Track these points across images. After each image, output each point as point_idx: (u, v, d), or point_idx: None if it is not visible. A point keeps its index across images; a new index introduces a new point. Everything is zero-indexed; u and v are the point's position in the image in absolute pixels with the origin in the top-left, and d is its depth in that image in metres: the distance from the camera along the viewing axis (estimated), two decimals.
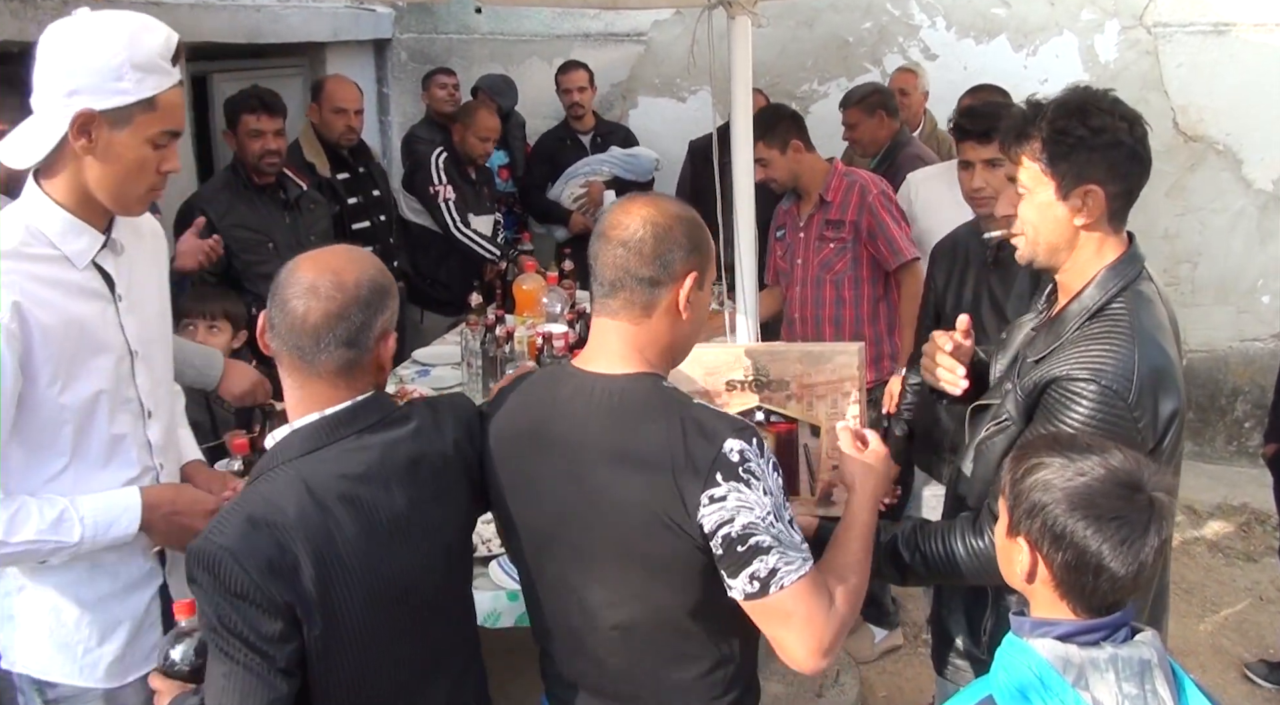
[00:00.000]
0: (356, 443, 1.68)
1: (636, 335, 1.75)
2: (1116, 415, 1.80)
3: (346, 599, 1.61)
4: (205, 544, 1.55)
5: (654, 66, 6.41)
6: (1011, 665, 1.53)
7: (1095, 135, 1.88)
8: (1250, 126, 5.82)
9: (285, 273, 1.68)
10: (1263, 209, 5.90)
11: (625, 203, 1.81)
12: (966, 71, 5.82)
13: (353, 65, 6.23)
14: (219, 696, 1.55)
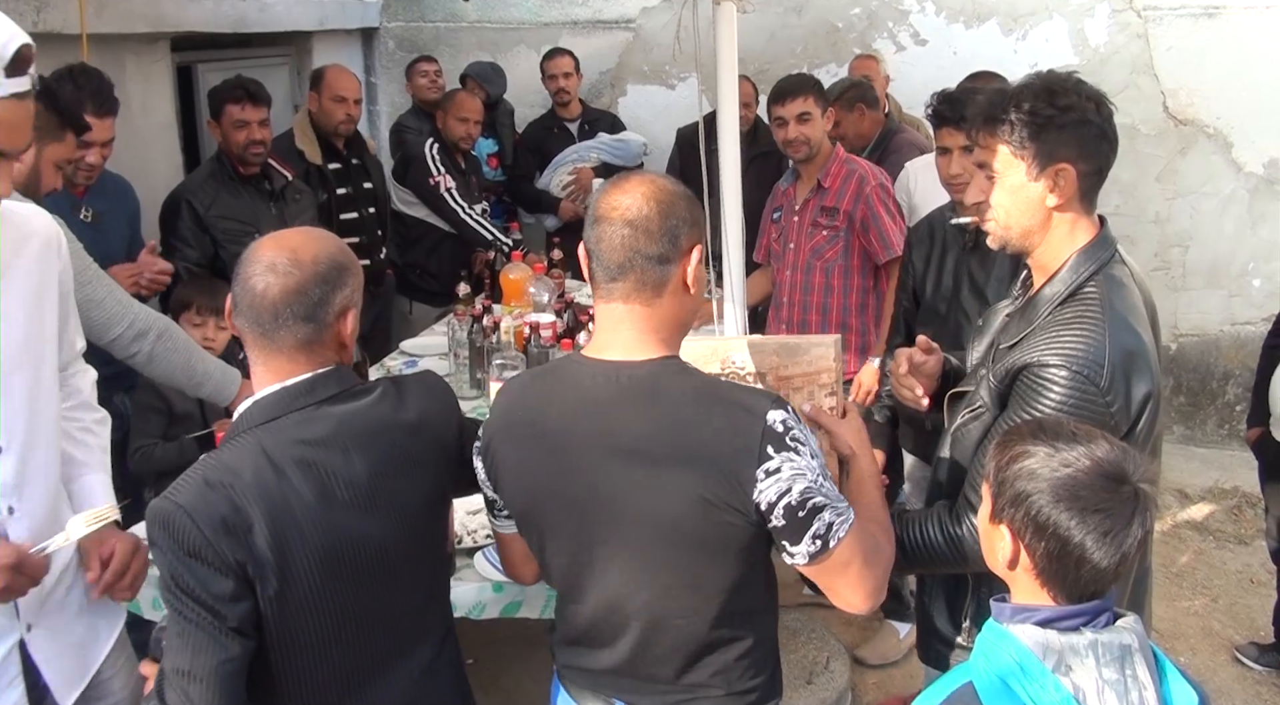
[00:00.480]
0: (315, 412, 1.69)
1: (649, 317, 1.71)
2: (1088, 400, 1.80)
3: (303, 562, 1.62)
4: (163, 503, 1.57)
5: (643, 54, 6.38)
6: (992, 651, 1.53)
7: (1064, 113, 1.90)
8: (1241, 109, 5.80)
9: (247, 253, 1.71)
10: (1253, 192, 5.89)
11: (619, 182, 1.75)
12: (956, 56, 5.81)
13: (340, 54, 6.20)
14: (173, 656, 1.57)
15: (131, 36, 4.41)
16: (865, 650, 4.00)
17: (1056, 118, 1.89)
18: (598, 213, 1.71)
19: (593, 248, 1.71)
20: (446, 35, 6.56)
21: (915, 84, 5.36)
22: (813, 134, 3.88)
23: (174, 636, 1.57)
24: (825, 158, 3.98)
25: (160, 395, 3.29)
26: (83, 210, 3.40)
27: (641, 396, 1.68)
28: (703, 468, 1.63)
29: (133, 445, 3.26)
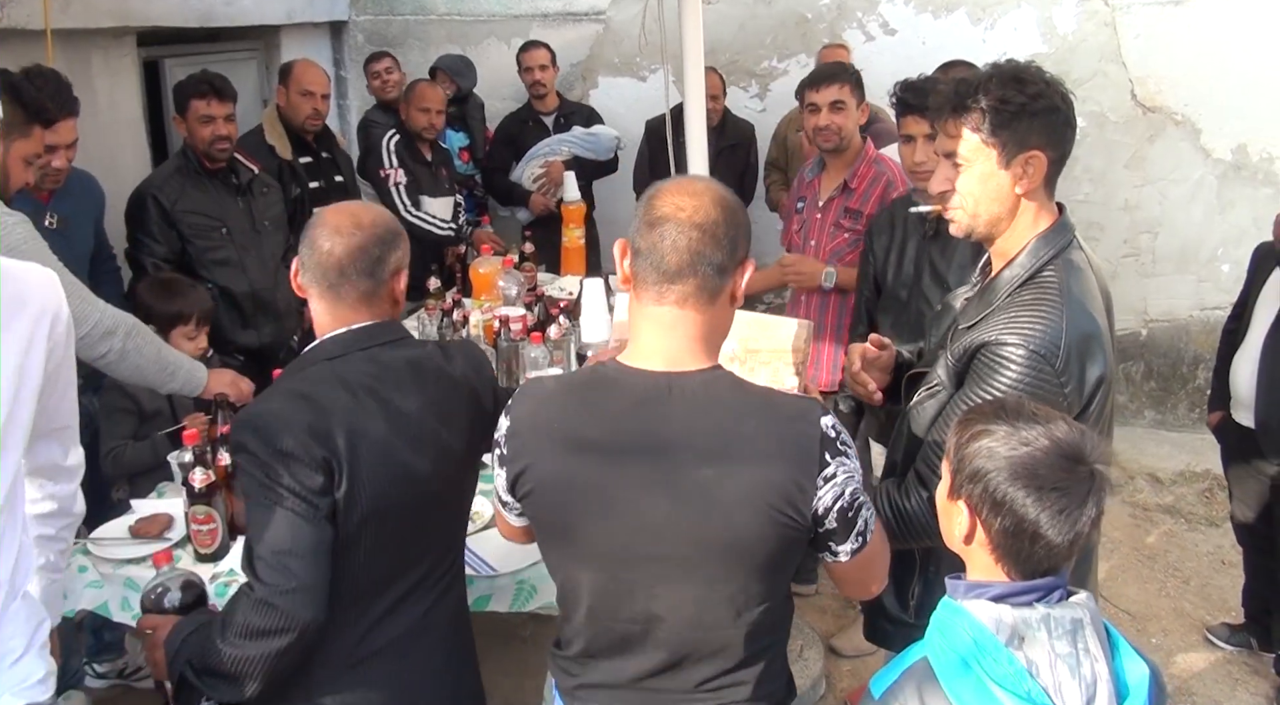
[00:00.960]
0: (379, 352, 1.94)
1: (702, 324, 1.68)
2: (1043, 380, 1.84)
3: (367, 471, 1.82)
4: (252, 412, 1.82)
5: (613, 46, 6.36)
6: (946, 628, 1.54)
7: (1034, 101, 1.92)
8: (1208, 96, 5.84)
9: (313, 221, 1.96)
10: (1221, 178, 5.93)
11: (680, 183, 1.70)
12: (925, 46, 5.83)
13: (308, 48, 6.15)
14: (272, 542, 1.74)
15: (97, 31, 4.37)
16: (840, 640, 4.02)
17: (1028, 106, 1.91)
18: (658, 212, 1.65)
19: (646, 248, 1.65)
20: (415, 28, 6.53)
21: (884, 74, 5.31)
22: (845, 124, 3.71)
23: (271, 525, 1.75)
24: (854, 154, 3.80)
25: (129, 395, 3.27)
26: (48, 216, 3.35)
27: (698, 410, 1.65)
28: (766, 479, 1.62)
29: (104, 448, 3.23)
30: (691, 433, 1.64)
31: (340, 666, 1.87)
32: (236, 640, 1.75)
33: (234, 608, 1.78)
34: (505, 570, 2.49)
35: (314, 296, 1.95)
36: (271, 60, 5.97)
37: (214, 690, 1.81)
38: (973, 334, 1.94)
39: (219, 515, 2.54)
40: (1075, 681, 1.47)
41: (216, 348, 3.76)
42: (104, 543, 2.64)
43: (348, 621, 1.87)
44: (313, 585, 1.75)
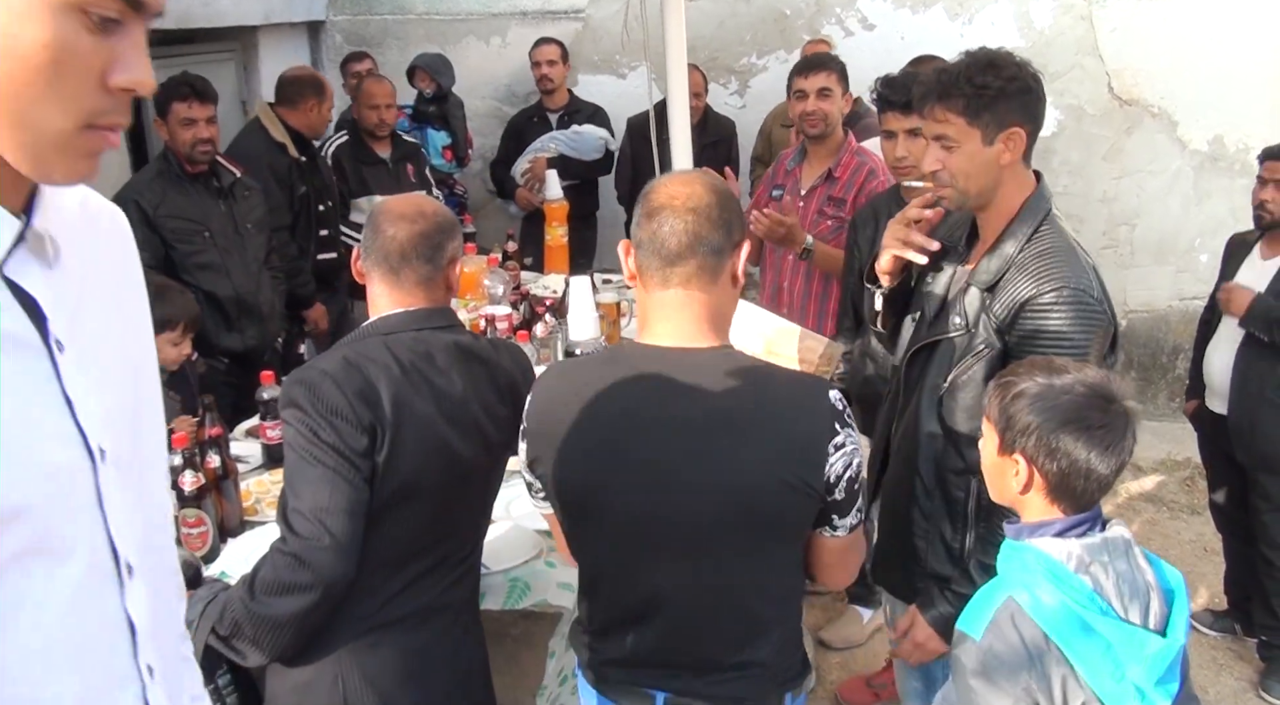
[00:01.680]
0: (430, 335, 2.01)
1: (706, 304, 1.76)
2: (1089, 312, 2.08)
3: (409, 441, 1.89)
4: (306, 371, 1.89)
5: (593, 43, 6.37)
6: (1019, 565, 1.75)
7: (1009, 83, 2.14)
8: (1184, 88, 5.90)
9: (376, 210, 2.08)
10: (1198, 169, 5.99)
11: (672, 177, 1.82)
12: (904, 41, 5.85)
13: (285, 49, 6.14)
14: (312, 498, 1.80)
15: None
16: (829, 633, 4.04)
17: (1005, 88, 2.13)
18: (654, 203, 1.74)
19: (646, 238, 1.74)
20: (394, 28, 6.51)
21: (864, 69, 5.33)
22: (831, 111, 3.79)
23: (312, 482, 1.81)
24: (837, 144, 3.87)
25: None
26: None
27: (712, 384, 1.72)
28: (780, 449, 1.70)
29: None
30: (708, 406, 1.71)
31: (361, 629, 1.93)
32: (265, 598, 1.80)
33: (263, 566, 1.83)
34: (497, 568, 2.49)
35: (375, 279, 2.04)
36: (249, 61, 5.94)
37: (241, 655, 1.86)
38: (1006, 293, 2.14)
39: (209, 518, 2.53)
40: (1133, 592, 1.71)
41: (201, 351, 3.75)
42: None
43: (371, 587, 1.92)
44: (346, 544, 1.80)
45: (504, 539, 2.59)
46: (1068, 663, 1.69)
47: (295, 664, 1.92)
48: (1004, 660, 1.71)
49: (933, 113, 2.20)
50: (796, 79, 3.86)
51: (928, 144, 2.24)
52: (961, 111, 2.14)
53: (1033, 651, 1.70)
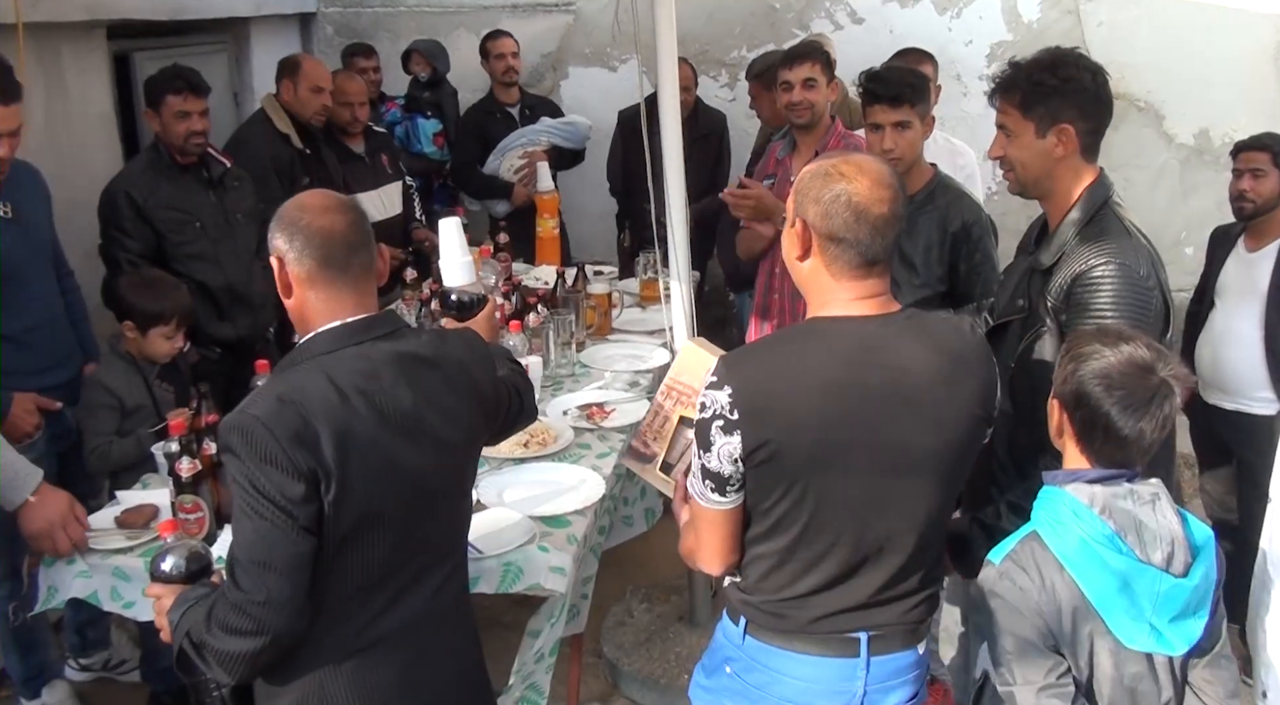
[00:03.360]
0: (372, 348, 1.91)
1: (887, 272, 1.96)
2: (1135, 287, 2.23)
3: (358, 474, 1.81)
4: (240, 416, 1.78)
5: (583, 36, 6.39)
6: (1048, 506, 1.95)
7: (1064, 83, 2.32)
8: (1170, 83, 5.94)
9: (290, 209, 1.93)
10: (1184, 163, 6.03)
11: (875, 177, 1.90)
12: (893, 35, 5.89)
13: (277, 40, 6.15)
14: (249, 550, 1.76)
15: (67, 25, 4.35)
16: None
17: (1059, 87, 2.31)
18: (862, 209, 1.87)
19: (849, 239, 1.88)
20: (385, 19, 6.52)
21: (853, 63, 5.35)
22: (817, 100, 3.87)
23: (249, 532, 1.77)
24: (824, 131, 3.96)
25: (110, 391, 3.27)
26: (1, 206, 3.24)
27: (914, 341, 1.91)
28: (977, 388, 1.95)
29: (88, 445, 3.24)
30: (917, 361, 1.89)
31: (343, 655, 1.90)
32: (218, 633, 1.79)
33: (217, 604, 1.81)
34: (491, 553, 2.52)
35: (318, 283, 1.91)
36: (240, 53, 5.96)
37: (208, 668, 1.85)
38: (1061, 272, 2.31)
39: (206, 503, 2.56)
40: (1155, 539, 1.86)
41: (193, 341, 3.77)
42: (91, 534, 2.65)
43: (348, 614, 1.89)
44: (286, 600, 1.76)
45: (497, 525, 2.63)
46: (1083, 596, 1.87)
47: (278, 684, 1.90)
48: (1018, 583, 1.91)
49: (998, 103, 2.43)
50: (781, 70, 3.95)
51: (997, 132, 2.47)
52: (1018, 105, 2.36)
53: (1047, 580, 1.89)
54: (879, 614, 1.99)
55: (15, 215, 3.27)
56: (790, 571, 1.96)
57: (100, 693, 3.73)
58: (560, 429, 3.24)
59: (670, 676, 3.73)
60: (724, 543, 1.99)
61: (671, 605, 4.15)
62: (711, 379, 1.89)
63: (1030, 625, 1.90)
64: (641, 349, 4.06)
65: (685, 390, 2.35)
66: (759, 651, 2.03)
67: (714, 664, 2.16)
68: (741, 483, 1.91)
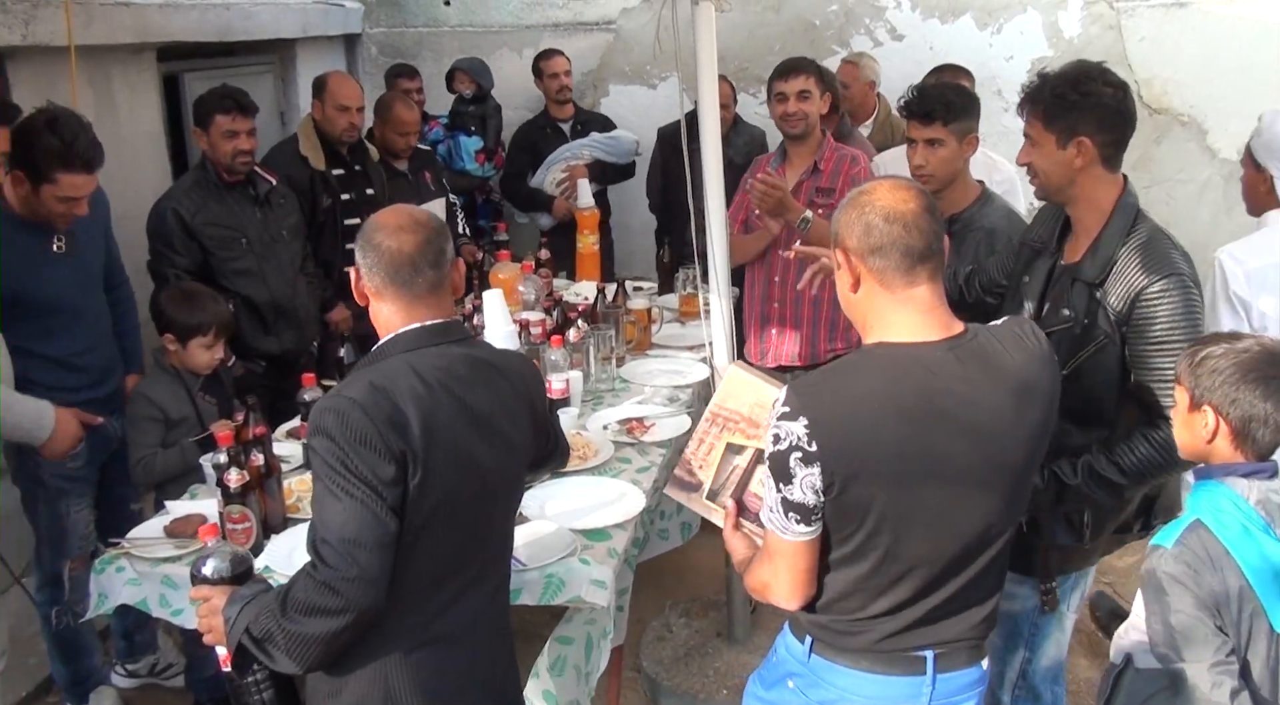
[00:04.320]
0: (448, 349, 2.02)
1: (941, 294, 1.96)
2: (1189, 297, 2.34)
3: (440, 461, 1.90)
4: (335, 399, 1.87)
5: (623, 54, 6.44)
6: (1207, 498, 2.09)
7: (1085, 98, 2.41)
8: (1213, 97, 5.90)
9: (368, 226, 2.05)
10: (1227, 178, 5.97)
11: (887, 184, 1.96)
12: (933, 51, 5.89)
13: (323, 61, 6.24)
14: (339, 529, 1.81)
15: (118, 47, 4.44)
16: None
17: (1079, 102, 2.41)
18: (887, 209, 1.89)
19: (889, 242, 1.89)
20: (428, 40, 6.61)
21: (893, 79, 5.41)
22: (810, 111, 3.99)
23: (339, 513, 1.82)
24: (817, 142, 4.07)
25: (154, 404, 3.33)
26: (55, 241, 3.29)
27: (982, 362, 1.91)
28: (1043, 404, 1.97)
29: (133, 457, 3.30)
30: (983, 390, 1.89)
31: (409, 647, 1.95)
32: (297, 616, 1.82)
33: (295, 586, 1.85)
34: (534, 565, 2.55)
35: (386, 297, 2.03)
36: (287, 73, 6.05)
37: (272, 661, 1.88)
38: (1118, 287, 2.39)
39: (253, 514, 2.60)
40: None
41: (240, 355, 3.84)
42: (140, 543, 2.70)
43: (415, 605, 1.95)
44: (375, 577, 1.82)
45: (539, 537, 2.65)
46: (1246, 580, 2.01)
47: (341, 675, 1.94)
48: (1192, 565, 2.03)
49: (1024, 113, 2.53)
50: (776, 82, 4.06)
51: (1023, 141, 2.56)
52: (1041, 117, 2.46)
53: (1215, 562, 2.02)
54: (944, 629, 1.99)
55: (69, 248, 3.33)
56: (863, 596, 1.96)
57: (146, 699, 3.79)
58: (600, 443, 3.26)
59: (709, 692, 3.73)
60: (804, 576, 1.97)
61: (710, 620, 4.15)
62: (784, 410, 1.86)
63: (1203, 606, 2.02)
64: (681, 364, 4.07)
65: (732, 416, 2.34)
66: (824, 669, 2.03)
67: (774, 677, 2.16)
68: (822, 512, 1.89)
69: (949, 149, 3.22)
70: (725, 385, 2.40)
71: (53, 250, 3.28)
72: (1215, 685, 2.00)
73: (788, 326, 4.10)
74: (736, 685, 3.74)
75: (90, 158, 3.15)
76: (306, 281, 4.33)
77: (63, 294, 3.31)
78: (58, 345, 3.30)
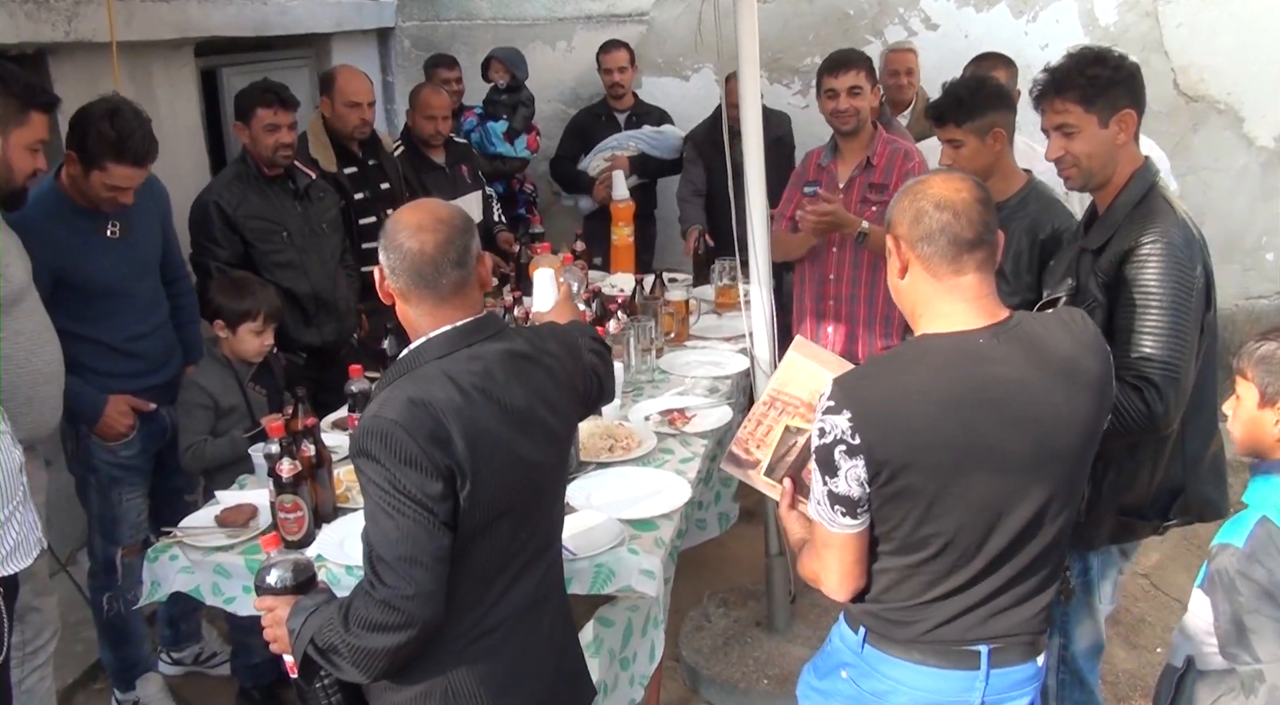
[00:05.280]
0: (481, 348, 1.99)
1: (991, 283, 1.97)
2: (1179, 263, 2.35)
3: (486, 467, 1.90)
4: (376, 421, 1.85)
5: (656, 46, 6.44)
6: (1266, 492, 2.12)
7: (1116, 71, 2.47)
8: (1250, 85, 5.86)
9: (390, 226, 2.00)
10: (1265, 166, 5.94)
11: (940, 176, 2.00)
12: (968, 40, 5.87)
13: (357, 55, 6.28)
14: (394, 547, 1.82)
15: (158, 43, 4.49)
16: None
17: (1114, 76, 2.46)
18: (938, 198, 1.92)
19: (938, 229, 1.91)
20: (461, 33, 6.63)
21: (928, 69, 5.39)
22: (861, 107, 3.94)
23: (393, 532, 1.83)
24: (869, 137, 4.02)
25: (205, 391, 3.37)
26: (109, 226, 3.33)
27: (1027, 349, 1.92)
28: (1093, 389, 1.95)
29: (183, 444, 3.34)
30: (1030, 374, 1.90)
31: (465, 642, 1.97)
32: (360, 631, 1.83)
33: (356, 602, 1.86)
34: (584, 554, 2.56)
35: (412, 299, 2.00)
36: (322, 67, 6.07)
37: (338, 671, 1.90)
38: (1112, 249, 2.43)
39: (305, 503, 2.63)
40: None
41: (280, 346, 3.86)
42: (192, 532, 2.74)
43: (471, 603, 1.96)
44: (434, 591, 1.84)
45: (589, 527, 2.67)
46: None
47: (403, 681, 1.96)
48: (1266, 564, 2.05)
49: (1051, 105, 2.52)
50: (826, 78, 4.01)
51: (1050, 135, 2.55)
52: (1078, 101, 2.47)
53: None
54: (999, 623, 1.99)
55: (123, 232, 3.37)
56: (916, 585, 1.97)
57: (190, 686, 3.83)
58: (644, 434, 3.28)
59: (749, 681, 3.75)
60: (854, 567, 1.99)
61: (748, 610, 4.16)
62: (829, 403, 1.88)
63: (1276, 601, 2.04)
64: (720, 355, 4.08)
65: (791, 401, 2.34)
66: (878, 660, 2.05)
67: (828, 667, 2.18)
68: (869, 504, 1.91)
69: (969, 147, 3.18)
70: (784, 370, 2.39)
71: (106, 235, 3.33)
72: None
73: (842, 323, 4.08)
74: (777, 675, 3.76)
75: (143, 152, 3.19)
76: (346, 274, 4.35)
77: (114, 279, 3.34)
78: (107, 330, 3.34)
